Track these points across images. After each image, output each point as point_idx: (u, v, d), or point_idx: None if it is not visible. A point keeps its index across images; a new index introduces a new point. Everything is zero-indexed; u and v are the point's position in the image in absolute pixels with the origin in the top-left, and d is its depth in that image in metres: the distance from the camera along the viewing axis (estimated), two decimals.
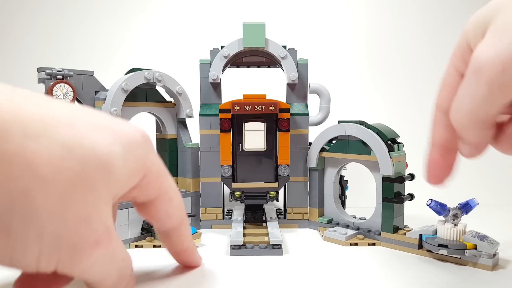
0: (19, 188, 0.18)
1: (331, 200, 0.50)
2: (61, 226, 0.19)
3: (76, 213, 0.20)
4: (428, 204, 0.39)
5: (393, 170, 0.42)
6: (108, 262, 0.23)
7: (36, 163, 0.18)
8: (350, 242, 0.44)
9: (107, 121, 0.23)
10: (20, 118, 0.18)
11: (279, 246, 0.41)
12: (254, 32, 0.49)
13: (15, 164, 0.18)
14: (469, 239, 0.36)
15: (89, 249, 0.21)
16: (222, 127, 0.46)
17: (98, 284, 0.24)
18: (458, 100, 0.23)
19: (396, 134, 0.46)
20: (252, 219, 0.50)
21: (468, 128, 0.23)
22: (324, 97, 0.53)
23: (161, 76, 0.49)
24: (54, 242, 0.19)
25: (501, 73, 0.20)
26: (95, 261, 0.22)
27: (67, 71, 0.45)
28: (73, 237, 0.20)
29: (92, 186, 0.20)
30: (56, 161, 0.19)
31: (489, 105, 0.21)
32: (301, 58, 0.52)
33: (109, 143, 0.22)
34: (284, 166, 0.47)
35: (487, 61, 0.20)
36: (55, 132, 0.19)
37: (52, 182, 0.19)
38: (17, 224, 0.18)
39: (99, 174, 0.21)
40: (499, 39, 0.20)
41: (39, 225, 0.19)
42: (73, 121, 0.20)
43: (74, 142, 0.20)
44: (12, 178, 0.18)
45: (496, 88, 0.20)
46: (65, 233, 0.20)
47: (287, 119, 0.46)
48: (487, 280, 0.34)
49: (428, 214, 0.41)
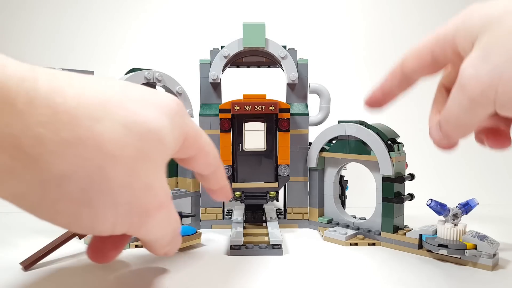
0: (95, 166, 0.20)
1: (331, 200, 0.50)
2: (131, 195, 0.22)
3: (142, 182, 0.23)
4: (428, 204, 0.39)
5: (393, 170, 0.42)
6: (167, 222, 0.26)
7: (105, 143, 0.20)
8: (350, 242, 0.44)
9: (149, 95, 0.25)
10: (84, 104, 0.20)
11: (279, 246, 0.41)
12: (254, 32, 0.49)
13: (89, 146, 0.20)
14: (469, 239, 0.36)
15: (154, 211, 0.24)
16: (222, 127, 0.46)
17: (155, 243, 0.27)
18: (448, 104, 0.27)
19: (396, 134, 0.46)
20: (252, 219, 0.50)
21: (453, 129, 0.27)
22: (324, 97, 0.53)
23: (161, 76, 0.49)
24: (126, 209, 0.22)
25: (480, 95, 0.23)
26: (157, 222, 0.25)
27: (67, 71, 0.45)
28: (141, 203, 0.23)
29: (151, 157, 0.23)
30: (120, 139, 0.21)
31: (471, 115, 0.25)
32: (301, 58, 0.52)
33: (158, 117, 0.24)
34: (284, 166, 0.47)
35: (470, 80, 0.24)
36: (114, 113, 0.21)
37: (120, 158, 0.21)
38: (96, 197, 0.21)
39: (155, 146, 0.23)
40: (482, 62, 0.23)
41: (113, 196, 0.22)
42: (124, 100, 0.23)
43: (130, 120, 0.22)
44: (88, 158, 0.20)
45: (477, 104, 0.24)
46: (134, 200, 0.23)
47: (287, 119, 0.46)
48: (487, 280, 0.34)
49: (428, 214, 0.41)
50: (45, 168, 0.19)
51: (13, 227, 0.51)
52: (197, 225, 0.50)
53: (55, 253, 0.38)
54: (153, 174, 0.24)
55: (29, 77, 0.19)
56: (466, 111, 0.25)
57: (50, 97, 0.19)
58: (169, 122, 0.25)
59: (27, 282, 0.33)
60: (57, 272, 0.36)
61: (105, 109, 0.21)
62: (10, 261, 0.37)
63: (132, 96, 0.24)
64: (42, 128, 0.19)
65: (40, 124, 0.18)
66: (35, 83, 0.19)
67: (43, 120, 0.19)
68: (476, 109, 0.24)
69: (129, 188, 0.22)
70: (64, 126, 0.19)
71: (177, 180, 0.53)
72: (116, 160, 0.21)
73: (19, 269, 0.36)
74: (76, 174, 0.20)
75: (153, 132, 0.23)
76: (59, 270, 0.36)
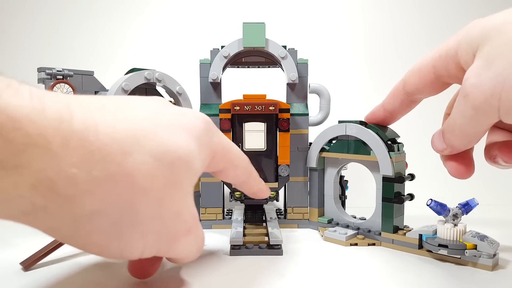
0: (125, 200, 0.21)
1: (331, 200, 0.50)
2: (160, 224, 0.23)
3: (170, 211, 0.23)
4: (428, 204, 0.39)
5: (393, 170, 0.42)
6: (194, 243, 0.27)
7: (135, 177, 0.21)
8: (350, 242, 0.44)
9: (178, 118, 0.26)
10: (117, 139, 0.21)
11: (279, 246, 0.41)
12: (254, 32, 0.49)
13: (120, 181, 0.20)
14: (469, 239, 0.36)
15: (182, 237, 0.25)
16: (222, 127, 0.46)
17: (181, 259, 0.28)
18: (452, 114, 0.27)
19: (396, 134, 0.46)
20: (252, 219, 0.50)
21: (457, 139, 0.27)
22: (324, 97, 0.53)
23: (161, 76, 0.49)
24: (155, 238, 0.23)
25: (484, 103, 0.23)
26: (185, 245, 0.26)
27: (67, 71, 0.45)
28: (170, 231, 0.24)
29: (180, 185, 0.24)
30: (150, 171, 0.22)
31: (476, 124, 0.25)
32: (301, 58, 0.52)
33: (187, 142, 0.24)
34: (284, 166, 0.47)
35: (473, 89, 0.24)
36: (145, 145, 0.22)
37: (149, 190, 0.22)
38: (126, 229, 0.22)
39: (184, 174, 0.24)
40: (484, 71, 0.23)
41: (143, 227, 0.22)
42: (155, 128, 0.23)
43: (160, 150, 0.22)
44: (119, 193, 0.21)
45: (481, 112, 0.24)
46: (163, 229, 0.23)
47: (287, 119, 0.46)
48: (487, 280, 0.34)
49: (428, 214, 0.41)
50: (77, 206, 0.20)
51: (13, 227, 0.51)
52: None
53: (55, 253, 0.38)
54: (182, 200, 0.24)
55: (65, 116, 0.19)
56: (470, 120, 0.25)
57: (84, 137, 0.19)
58: (197, 144, 0.25)
59: (27, 282, 0.33)
60: (57, 272, 0.36)
61: (136, 141, 0.22)
62: (10, 261, 0.37)
63: (162, 122, 0.24)
64: (75, 168, 0.19)
65: (74, 165, 0.19)
66: (71, 123, 0.19)
67: (77, 160, 0.19)
68: (480, 117, 0.24)
69: (159, 218, 0.23)
70: (96, 164, 0.20)
71: None
72: (146, 192, 0.22)
73: (19, 269, 0.36)
74: (107, 209, 0.20)
75: (182, 159, 0.24)
76: (59, 270, 0.36)
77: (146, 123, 0.23)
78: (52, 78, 0.44)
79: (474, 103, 0.24)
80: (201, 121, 0.27)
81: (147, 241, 0.23)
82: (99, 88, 0.48)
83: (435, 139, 0.30)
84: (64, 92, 0.44)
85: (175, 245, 0.25)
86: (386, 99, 0.36)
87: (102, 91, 0.48)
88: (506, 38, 0.22)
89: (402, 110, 0.35)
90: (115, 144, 0.21)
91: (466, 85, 0.24)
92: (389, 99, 0.35)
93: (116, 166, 0.20)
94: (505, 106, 0.22)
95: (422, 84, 0.31)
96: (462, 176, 0.31)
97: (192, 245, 0.27)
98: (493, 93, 0.23)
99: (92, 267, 0.37)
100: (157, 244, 0.24)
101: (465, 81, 0.24)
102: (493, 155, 0.29)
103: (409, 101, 0.34)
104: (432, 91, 0.31)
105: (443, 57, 0.28)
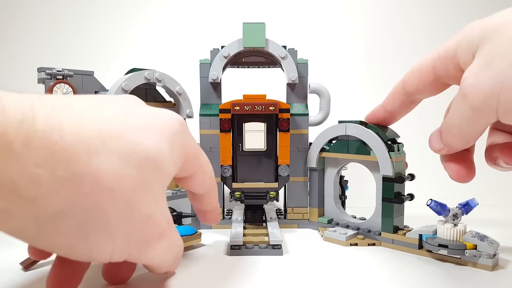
0: (92, 201, 0.20)
1: (331, 200, 0.50)
2: (129, 227, 0.22)
3: (140, 213, 0.23)
4: (428, 204, 0.39)
5: (393, 170, 0.42)
6: (168, 250, 0.26)
7: (102, 177, 0.20)
8: (350, 242, 0.44)
9: (150, 118, 0.25)
10: (82, 139, 0.20)
11: (279, 246, 0.41)
12: (254, 32, 0.49)
13: (85, 181, 0.20)
14: (469, 239, 0.36)
15: (155, 241, 0.24)
16: (222, 127, 0.46)
17: (156, 267, 0.27)
18: (450, 113, 0.26)
19: (396, 134, 0.46)
20: (252, 219, 0.50)
21: (455, 139, 0.27)
22: (324, 97, 0.53)
23: (161, 76, 0.49)
24: (124, 241, 0.22)
25: (482, 103, 0.23)
26: (158, 251, 0.25)
27: (67, 71, 0.45)
28: (141, 234, 0.23)
29: (150, 186, 0.23)
30: (117, 171, 0.21)
31: (474, 125, 0.25)
32: (301, 58, 0.52)
33: (157, 143, 0.24)
34: (284, 166, 0.47)
35: (471, 89, 0.24)
36: (111, 145, 0.21)
37: (117, 191, 0.21)
38: (92, 231, 0.21)
39: (153, 175, 0.23)
40: (483, 70, 0.23)
41: (111, 229, 0.21)
42: (123, 128, 0.22)
43: (128, 151, 0.22)
44: (85, 194, 0.20)
45: (479, 113, 0.24)
46: (133, 232, 0.23)
47: (287, 119, 0.46)
48: (487, 280, 0.34)
49: (428, 214, 0.41)
50: (41, 207, 0.19)
51: None
52: (197, 225, 0.50)
53: None
54: (153, 203, 0.23)
55: (28, 117, 0.18)
56: (468, 120, 0.25)
57: (47, 136, 0.19)
58: (169, 145, 0.25)
59: (27, 282, 0.33)
60: None
61: (103, 141, 0.21)
62: (10, 261, 0.37)
63: (131, 122, 0.23)
64: (38, 169, 0.18)
65: (37, 165, 0.18)
66: (34, 123, 0.19)
67: (40, 161, 0.18)
68: (478, 117, 0.24)
69: (128, 221, 0.22)
70: (61, 164, 0.19)
71: None
72: (113, 193, 0.21)
73: (19, 269, 0.36)
74: (72, 210, 0.20)
75: (151, 160, 0.23)
76: None
77: (113, 122, 0.22)
78: (52, 78, 0.44)
79: (472, 103, 0.24)
80: (175, 121, 0.26)
81: (116, 244, 0.22)
82: (99, 88, 0.48)
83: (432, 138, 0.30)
84: (64, 92, 0.44)
85: (147, 250, 0.24)
86: (386, 99, 0.36)
87: (102, 91, 0.48)
88: (505, 38, 0.22)
89: (402, 111, 0.35)
90: (81, 144, 0.20)
91: (464, 85, 0.24)
92: (389, 100, 0.35)
93: (81, 166, 0.20)
94: (503, 106, 0.22)
95: (422, 85, 0.31)
96: (463, 180, 0.30)
97: (166, 251, 0.26)
98: (491, 93, 0.22)
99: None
100: (127, 248, 0.23)
101: (464, 81, 0.24)
102: (494, 157, 0.29)
103: (408, 102, 0.34)
104: (431, 92, 0.31)
105: (442, 57, 0.28)
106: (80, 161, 0.20)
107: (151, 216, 0.23)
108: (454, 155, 0.30)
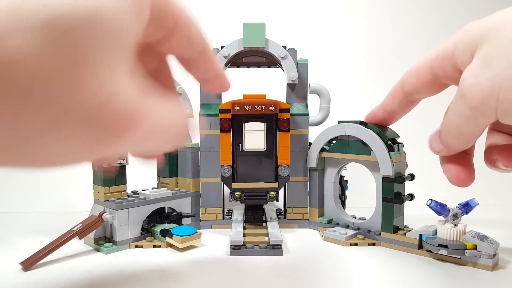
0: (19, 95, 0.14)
1: (331, 200, 0.50)
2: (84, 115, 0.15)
3: (86, 100, 0.16)
4: (428, 204, 0.39)
5: (393, 170, 0.42)
6: (153, 135, 0.19)
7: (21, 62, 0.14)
8: (350, 242, 0.44)
9: None
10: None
11: (279, 246, 0.41)
12: (254, 32, 0.49)
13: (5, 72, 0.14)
14: (469, 239, 0.36)
15: (124, 131, 0.17)
16: (222, 127, 0.46)
17: (154, 153, 0.23)
18: (449, 114, 0.26)
19: (396, 134, 0.46)
20: (252, 219, 0.50)
21: (454, 140, 0.27)
22: (324, 97, 0.53)
23: None
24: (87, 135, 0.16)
25: (481, 102, 0.23)
26: (136, 142, 0.18)
27: None
28: (98, 127, 0.16)
29: (95, 58, 0.16)
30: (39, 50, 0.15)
31: (472, 125, 0.25)
32: (301, 58, 0.52)
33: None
34: (284, 166, 0.47)
35: (470, 89, 0.23)
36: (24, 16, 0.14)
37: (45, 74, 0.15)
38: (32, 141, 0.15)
39: (98, 41, 0.16)
40: (482, 70, 0.23)
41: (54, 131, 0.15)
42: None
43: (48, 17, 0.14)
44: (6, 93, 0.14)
45: (478, 113, 0.24)
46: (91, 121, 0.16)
47: (287, 119, 0.46)
48: (487, 280, 0.34)
49: (428, 214, 0.41)
50: None
51: (13, 227, 0.51)
52: (197, 225, 0.50)
53: (55, 253, 0.38)
54: (108, 80, 0.16)
55: None
56: (467, 120, 0.25)
57: None
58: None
59: (27, 282, 0.33)
60: (57, 272, 0.36)
61: (14, 14, 0.15)
62: (10, 261, 0.37)
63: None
64: None
65: None
66: None
67: None
68: (477, 118, 0.24)
69: (73, 113, 0.15)
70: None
71: (177, 180, 0.53)
72: (42, 77, 0.14)
73: (19, 269, 0.36)
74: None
75: (86, 21, 0.15)
76: (59, 270, 0.36)
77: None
78: None
79: (471, 103, 0.23)
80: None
81: (73, 142, 0.16)
82: None
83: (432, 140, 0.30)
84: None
85: (116, 146, 0.17)
86: (385, 99, 0.36)
87: None
88: (505, 38, 0.22)
89: (401, 111, 0.35)
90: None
91: (463, 84, 0.24)
92: (388, 100, 0.35)
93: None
94: (502, 106, 0.22)
95: (420, 85, 0.31)
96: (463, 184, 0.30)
97: (152, 138, 0.19)
98: (491, 92, 0.22)
99: (92, 267, 0.37)
100: (88, 148, 0.17)
101: (463, 81, 0.24)
102: (493, 159, 0.29)
103: (407, 102, 0.34)
104: (430, 92, 0.31)
105: (440, 58, 0.28)
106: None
107: (106, 100, 0.16)
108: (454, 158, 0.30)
